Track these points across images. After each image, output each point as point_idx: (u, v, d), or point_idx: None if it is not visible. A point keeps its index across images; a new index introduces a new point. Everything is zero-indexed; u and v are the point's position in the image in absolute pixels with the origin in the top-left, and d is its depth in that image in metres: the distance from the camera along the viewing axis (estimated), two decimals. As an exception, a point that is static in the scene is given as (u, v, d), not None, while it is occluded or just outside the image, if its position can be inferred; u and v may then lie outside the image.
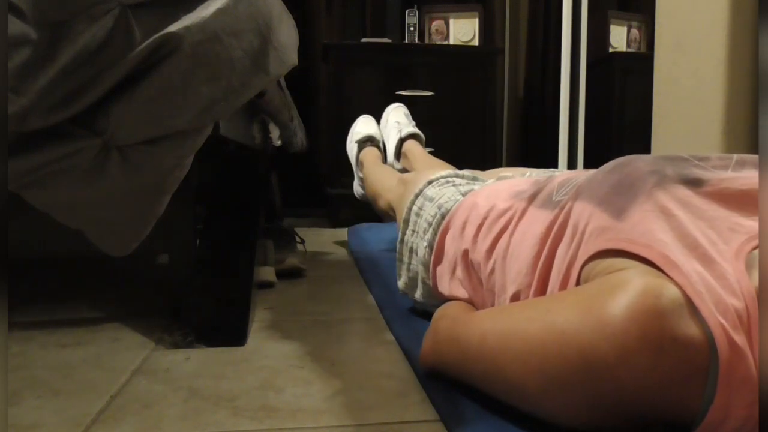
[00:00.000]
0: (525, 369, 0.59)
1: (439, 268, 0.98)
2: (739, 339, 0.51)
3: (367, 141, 1.83)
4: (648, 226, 0.59)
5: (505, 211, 0.86)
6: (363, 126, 1.90)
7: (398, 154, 1.77)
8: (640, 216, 0.60)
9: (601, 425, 0.57)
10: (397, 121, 1.86)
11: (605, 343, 0.52)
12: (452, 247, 0.95)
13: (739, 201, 0.61)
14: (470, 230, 0.91)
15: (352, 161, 1.87)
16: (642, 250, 0.57)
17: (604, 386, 0.53)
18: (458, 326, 0.74)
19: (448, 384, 0.74)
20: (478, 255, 0.87)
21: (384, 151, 1.84)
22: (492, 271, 0.83)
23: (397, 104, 1.97)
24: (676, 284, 0.53)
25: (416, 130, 1.81)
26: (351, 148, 1.88)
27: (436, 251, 0.99)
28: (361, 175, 1.78)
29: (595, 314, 0.54)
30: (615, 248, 0.59)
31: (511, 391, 0.63)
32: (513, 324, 0.62)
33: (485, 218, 0.89)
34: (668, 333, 0.51)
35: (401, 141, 1.77)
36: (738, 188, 0.62)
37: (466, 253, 0.91)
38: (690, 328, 0.51)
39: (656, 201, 0.61)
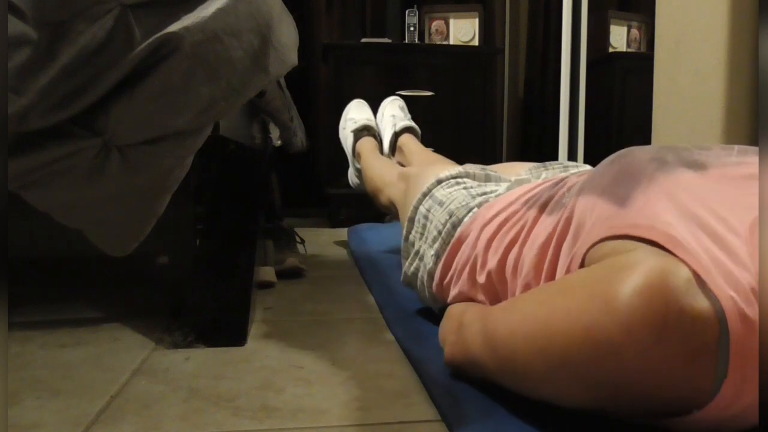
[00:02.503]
0: (532, 349, 0.59)
1: (445, 282, 0.96)
2: (752, 312, 0.49)
3: (363, 130, 1.76)
4: (652, 209, 0.58)
5: (516, 222, 0.85)
6: (356, 112, 1.83)
7: (393, 148, 1.72)
8: (644, 201, 0.59)
9: (609, 410, 0.57)
10: (392, 114, 1.79)
11: (609, 317, 0.51)
12: (461, 260, 0.93)
13: (745, 184, 0.59)
14: (482, 245, 0.89)
15: (347, 150, 1.80)
16: (645, 233, 0.55)
17: (609, 363, 0.52)
18: (478, 321, 0.73)
19: (448, 383, 0.74)
20: (489, 268, 0.85)
21: (381, 142, 1.78)
22: (503, 281, 0.83)
23: (393, 97, 1.90)
24: (684, 262, 0.51)
25: (411, 123, 1.75)
26: (345, 136, 1.81)
27: (444, 265, 0.96)
28: (358, 165, 1.72)
29: (601, 293, 0.53)
30: (619, 234, 0.58)
31: (520, 377, 0.63)
32: (523, 310, 0.63)
33: (496, 234, 0.87)
34: (673, 307, 0.49)
35: (396, 135, 1.71)
36: (743, 172, 0.60)
37: (474, 267, 0.89)
38: (697, 302, 0.49)
39: (659, 185, 0.60)
